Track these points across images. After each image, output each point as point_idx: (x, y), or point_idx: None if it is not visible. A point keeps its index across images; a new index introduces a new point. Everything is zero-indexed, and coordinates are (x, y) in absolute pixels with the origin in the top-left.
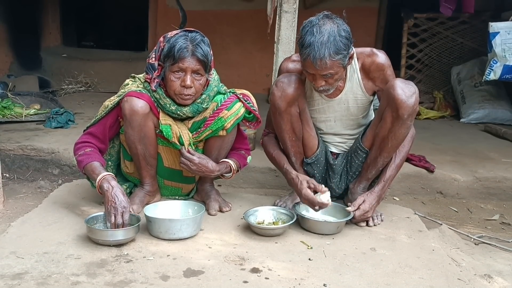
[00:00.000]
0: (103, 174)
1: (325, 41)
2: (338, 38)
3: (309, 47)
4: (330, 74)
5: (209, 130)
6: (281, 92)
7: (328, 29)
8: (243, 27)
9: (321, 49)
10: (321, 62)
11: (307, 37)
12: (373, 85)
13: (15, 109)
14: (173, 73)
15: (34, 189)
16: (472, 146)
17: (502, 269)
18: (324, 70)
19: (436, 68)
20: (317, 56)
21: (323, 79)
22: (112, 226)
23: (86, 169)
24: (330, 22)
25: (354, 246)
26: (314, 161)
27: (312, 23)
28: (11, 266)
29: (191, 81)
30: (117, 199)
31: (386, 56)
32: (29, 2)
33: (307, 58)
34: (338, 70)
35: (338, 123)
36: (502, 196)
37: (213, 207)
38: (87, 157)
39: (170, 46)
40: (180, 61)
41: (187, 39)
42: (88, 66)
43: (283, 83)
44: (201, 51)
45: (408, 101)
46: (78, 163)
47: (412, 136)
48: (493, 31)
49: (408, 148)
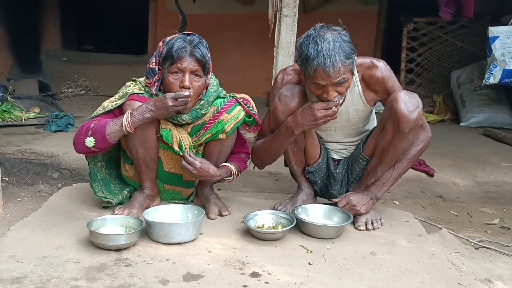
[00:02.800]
0: (126, 115)
1: (332, 47)
2: (343, 43)
3: (317, 57)
4: (344, 80)
5: (209, 133)
6: (284, 107)
7: (331, 36)
8: (243, 31)
9: (331, 55)
10: (334, 69)
11: (312, 49)
12: (375, 96)
13: (15, 113)
14: (171, 74)
15: (33, 193)
16: (472, 150)
17: (502, 273)
18: (338, 76)
19: (435, 72)
20: (329, 63)
21: (334, 89)
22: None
23: (110, 130)
24: (329, 31)
25: (354, 250)
26: (316, 169)
27: (312, 35)
28: (10, 270)
29: (190, 81)
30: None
31: (386, 66)
32: (29, 6)
33: (318, 68)
34: (349, 76)
35: (339, 133)
36: (502, 200)
37: (213, 211)
38: (100, 124)
39: (168, 48)
40: (179, 61)
41: (185, 41)
42: (88, 69)
43: (286, 97)
44: (200, 52)
45: (410, 116)
46: (97, 133)
47: (425, 141)
48: (493, 35)
49: (417, 152)
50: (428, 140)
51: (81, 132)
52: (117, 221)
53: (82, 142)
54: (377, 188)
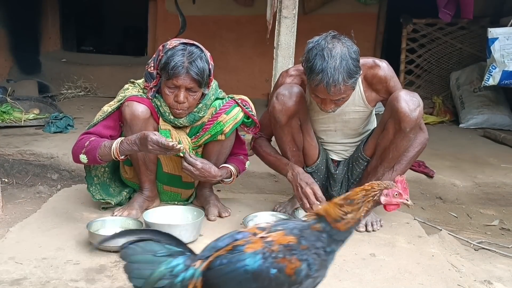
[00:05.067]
0: (116, 143)
1: (338, 66)
2: (350, 62)
3: (321, 73)
4: (342, 99)
5: (208, 134)
6: (282, 106)
7: (339, 52)
8: (242, 32)
9: (335, 74)
10: (335, 88)
11: (318, 62)
12: (377, 96)
13: (14, 114)
14: (167, 88)
15: (33, 194)
16: (471, 152)
17: (502, 275)
18: (338, 95)
19: (435, 73)
20: (331, 83)
21: (333, 103)
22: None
23: (101, 152)
24: (339, 45)
25: (353, 252)
26: (315, 170)
27: (321, 46)
28: (10, 271)
29: (184, 97)
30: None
31: (389, 66)
32: (29, 7)
33: (320, 84)
34: (350, 93)
35: (339, 133)
36: (502, 201)
37: (212, 213)
38: (93, 145)
39: (166, 61)
40: (174, 78)
41: (183, 55)
42: (88, 71)
43: (284, 96)
44: (196, 69)
45: (411, 114)
46: (89, 153)
47: (422, 142)
48: (492, 37)
49: (415, 154)
50: (425, 142)
51: (78, 146)
52: (116, 223)
53: (77, 157)
54: None
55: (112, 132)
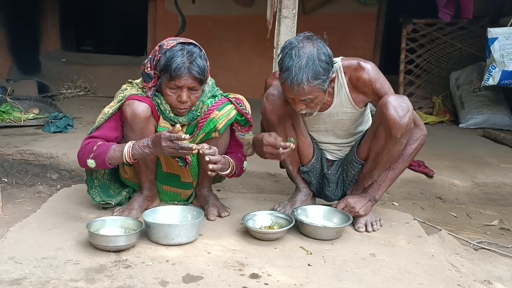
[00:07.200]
0: (128, 146)
1: (303, 65)
2: (317, 63)
3: (287, 71)
4: (309, 99)
5: (202, 132)
6: (272, 106)
7: (307, 52)
8: (242, 32)
9: (299, 74)
10: (298, 88)
11: (286, 61)
12: (364, 98)
13: (14, 114)
14: (169, 88)
15: (32, 194)
16: (471, 151)
17: (501, 274)
18: (302, 95)
19: (434, 73)
20: (294, 81)
21: (302, 104)
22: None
23: (110, 156)
24: (310, 45)
25: (353, 252)
26: (310, 169)
27: (292, 45)
28: (9, 271)
29: (187, 96)
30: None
31: (374, 68)
32: (29, 7)
33: (285, 82)
34: (318, 95)
35: (331, 133)
36: (501, 201)
37: (212, 212)
38: (102, 149)
39: (166, 62)
40: (177, 79)
41: (183, 55)
42: (87, 70)
43: (274, 96)
44: (197, 68)
45: (401, 121)
46: (98, 157)
47: (419, 138)
48: (492, 37)
49: (412, 151)
50: (424, 138)
51: (85, 151)
52: (116, 222)
53: (84, 162)
54: (374, 190)
55: (116, 133)
